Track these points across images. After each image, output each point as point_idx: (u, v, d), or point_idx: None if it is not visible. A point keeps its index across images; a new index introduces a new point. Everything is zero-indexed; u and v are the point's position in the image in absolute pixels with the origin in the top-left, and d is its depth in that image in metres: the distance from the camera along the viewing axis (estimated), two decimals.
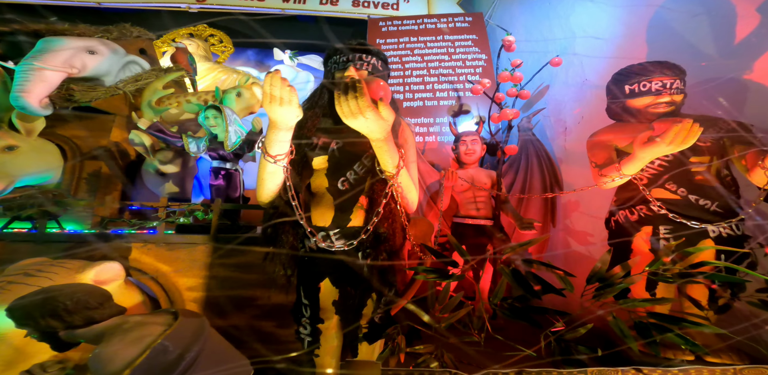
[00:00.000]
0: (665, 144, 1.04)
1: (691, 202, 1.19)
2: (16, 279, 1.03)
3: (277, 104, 0.80)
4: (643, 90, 1.32)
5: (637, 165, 1.19)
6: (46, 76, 1.52)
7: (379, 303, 0.99)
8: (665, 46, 1.72)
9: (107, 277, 1.11)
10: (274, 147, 0.88)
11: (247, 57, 4.06)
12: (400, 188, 0.90)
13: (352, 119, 0.80)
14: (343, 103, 0.78)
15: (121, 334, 0.76)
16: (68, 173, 1.68)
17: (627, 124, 1.44)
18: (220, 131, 1.64)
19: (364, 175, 0.98)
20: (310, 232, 0.94)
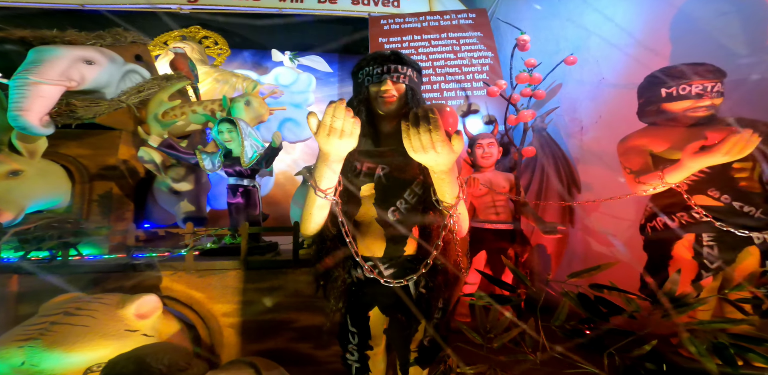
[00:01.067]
0: (721, 154, 0.99)
1: (735, 209, 1.16)
2: (58, 320, 0.97)
3: (336, 137, 0.72)
4: (683, 93, 1.26)
5: (683, 174, 1.14)
6: (43, 91, 1.38)
7: (428, 327, 0.94)
8: (691, 44, 1.66)
9: (147, 310, 1.05)
10: (324, 181, 0.80)
11: (244, 59, 3.87)
12: (457, 218, 0.83)
13: (420, 153, 0.72)
14: (414, 137, 0.70)
15: None
16: (78, 196, 1.56)
17: (661, 127, 1.38)
18: (235, 146, 1.53)
19: (415, 204, 0.90)
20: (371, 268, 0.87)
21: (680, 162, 1.13)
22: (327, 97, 3.72)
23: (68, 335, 0.94)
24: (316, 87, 3.44)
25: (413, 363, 0.95)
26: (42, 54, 1.45)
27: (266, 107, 2.02)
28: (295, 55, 3.45)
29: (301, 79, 3.34)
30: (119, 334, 1.00)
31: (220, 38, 3.53)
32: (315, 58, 3.53)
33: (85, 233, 1.28)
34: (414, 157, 0.74)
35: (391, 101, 0.95)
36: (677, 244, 1.24)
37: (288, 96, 3.37)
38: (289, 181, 3.48)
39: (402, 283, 0.84)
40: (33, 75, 1.37)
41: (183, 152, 1.54)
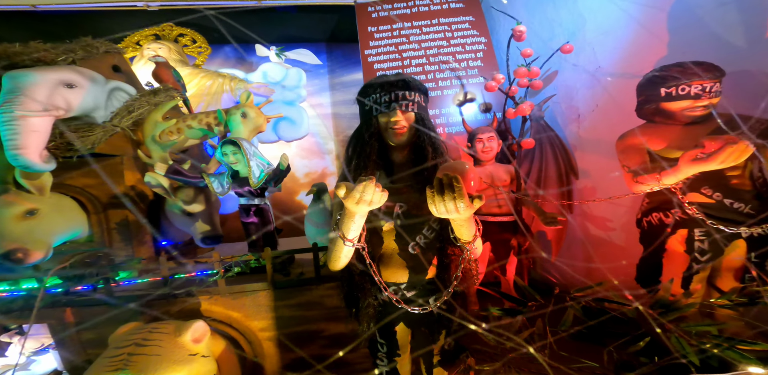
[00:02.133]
0: (716, 163, 1.03)
1: (726, 206, 1.22)
2: (132, 351, 1.06)
3: (365, 205, 0.76)
4: (681, 93, 1.26)
5: (679, 177, 1.18)
6: (34, 125, 1.30)
7: (448, 335, 1.04)
8: (689, 34, 1.60)
9: (200, 335, 1.14)
10: (351, 232, 0.84)
11: (226, 55, 3.62)
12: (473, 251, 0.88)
13: (444, 215, 0.76)
14: (438, 203, 0.74)
15: None
16: (96, 225, 1.56)
17: (659, 125, 1.40)
18: (241, 167, 1.52)
19: (433, 238, 0.95)
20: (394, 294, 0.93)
21: (677, 167, 1.17)
22: (319, 91, 3.56)
23: (148, 364, 1.04)
24: (306, 80, 3.29)
25: (436, 365, 1.06)
26: (17, 81, 1.33)
27: (263, 116, 1.95)
28: (282, 50, 3.24)
29: (290, 74, 3.18)
30: (185, 359, 1.11)
31: (197, 35, 3.26)
32: (302, 51, 3.32)
33: (121, 267, 1.32)
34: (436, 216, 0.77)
35: (402, 132, 0.95)
36: (671, 238, 1.32)
37: (279, 93, 3.23)
38: (289, 178, 3.47)
39: (427, 309, 0.91)
40: (17, 108, 1.28)
41: (190, 176, 1.53)
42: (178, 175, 1.51)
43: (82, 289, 1.30)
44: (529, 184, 2.17)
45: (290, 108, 3.07)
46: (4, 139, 1.28)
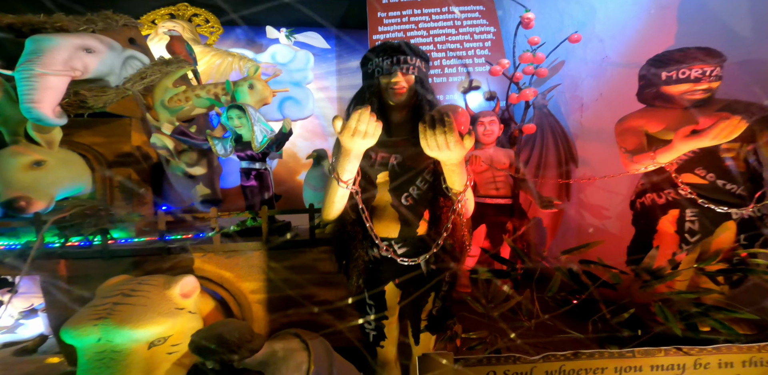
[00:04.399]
0: (709, 138, 1.03)
1: (718, 187, 1.23)
2: (118, 300, 1.07)
3: (360, 137, 0.79)
4: (682, 77, 1.27)
5: (673, 155, 1.19)
6: (51, 82, 1.36)
7: (436, 299, 1.05)
8: (698, 25, 1.61)
9: (189, 290, 1.15)
10: (346, 173, 0.87)
11: (237, 36, 3.66)
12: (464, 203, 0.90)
13: (435, 151, 0.79)
14: (430, 138, 0.77)
15: (282, 362, 0.87)
16: (99, 182, 1.60)
17: (658, 109, 1.40)
18: (245, 131, 1.54)
19: (426, 190, 0.97)
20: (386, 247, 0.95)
21: (671, 144, 1.17)
22: (325, 74, 3.58)
23: (132, 314, 1.05)
24: (314, 64, 3.31)
25: (424, 330, 1.08)
26: (41, 44, 1.40)
27: (269, 89, 1.98)
28: (292, 33, 3.26)
29: (298, 56, 3.20)
30: (171, 312, 1.11)
31: (210, 15, 3.30)
32: (312, 34, 3.33)
33: (120, 220, 1.35)
34: (429, 154, 0.81)
35: (402, 92, 0.98)
36: (662, 219, 1.33)
37: (286, 74, 3.25)
38: (292, 158, 3.50)
39: (416, 261, 0.93)
40: (37, 66, 1.33)
41: (195, 138, 1.56)
42: (184, 135, 1.54)
43: (79, 245, 1.33)
44: (528, 169, 2.17)
45: (296, 88, 3.09)
46: (21, 93, 1.33)
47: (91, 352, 1.04)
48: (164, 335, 1.09)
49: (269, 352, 0.91)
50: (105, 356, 1.02)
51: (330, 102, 3.54)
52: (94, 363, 1.02)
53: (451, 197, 0.89)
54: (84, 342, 1.04)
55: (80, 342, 1.04)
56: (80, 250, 1.30)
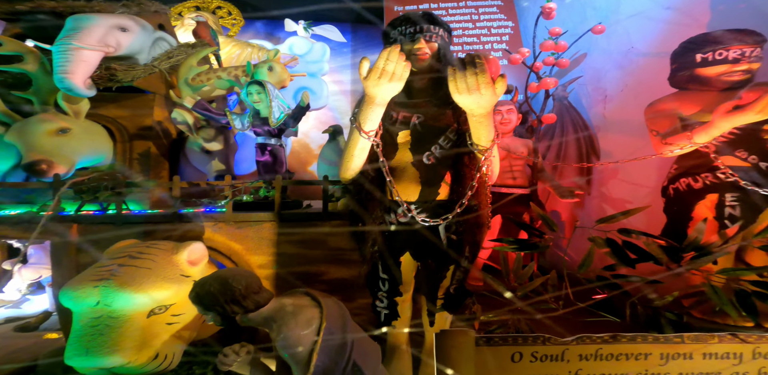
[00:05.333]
0: (754, 113, 0.96)
1: (761, 169, 1.13)
2: (124, 262, 1.03)
3: (386, 80, 0.76)
4: (719, 58, 1.19)
5: (712, 133, 1.11)
6: (85, 55, 1.43)
7: (455, 275, 0.98)
8: (731, 13, 1.53)
9: (196, 257, 1.11)
10: (368, 123, 0.83)
11: (257, 29, 3.75)
12: (490, 162, 0.85)
13: (465, 95, 0.75)
14: (460, 80, 0.74)
15: (290, 317, 0.77)
16: (119, 154, 1.63)
17: (692, 92, 1.33)
18: (263, 107, 1.55)
19: (449, 149, 0.93)
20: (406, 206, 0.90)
21: (711, 122, 1.09)
22: (340, 68, 3.62)
23: (135, 276, 1.00)
24: (329, 57, 3.34)
25: (440, 309, 1.01)
26: (80, 22, 1.48)
27: (287, 73, 2.02)
28: (310, 25, 3.32)
29: (315, 48, 3.24)
30: (176, 278, 1.07)
31: (233, 8, 3.41)
32: (329, 27, 3.39)
33: (136, 184, 1.35)
34: (458, 99, 0.77)
35: (424, 58, 0.96)
36: (699, 204, 1.23)
37: (303, 65, 3.29)
38: (304, 149, 3.51)
39: (438, 222, 0.87)
40: (75, 41, 1.41)
41: (215, 113, 1.57)
42: (205, 110, 1.55)
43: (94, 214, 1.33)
44: (546, 160, 2.09)
45: (312, 79, 3.12)
46: (56, 65, 1.39)
47: (86, 317, 0.98)
48: (166, 303, 1.04)
49: (277, 306, 0.82)
50: (101, 322, 0.97)
51: (344, 95, 3.56)
52: (87, 329, 0.96)
53: (477, 155, 0.84)
54: (81, 305, 0.99)
55: (77, 305, 0.99)
56: (93, 216, 1.30)
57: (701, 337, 0.73)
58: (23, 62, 1.52)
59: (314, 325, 0.76)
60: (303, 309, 0.79)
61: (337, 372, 0.74)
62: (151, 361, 0.99)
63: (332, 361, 0.74)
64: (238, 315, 0.79)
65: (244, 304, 0.79)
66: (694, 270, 0.83)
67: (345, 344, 0.76)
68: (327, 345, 0.74)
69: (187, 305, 1.10)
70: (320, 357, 0.72)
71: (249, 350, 0.80)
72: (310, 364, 0.72)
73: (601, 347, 0.73)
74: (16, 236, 1.28)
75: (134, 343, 0.96)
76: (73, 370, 1.04)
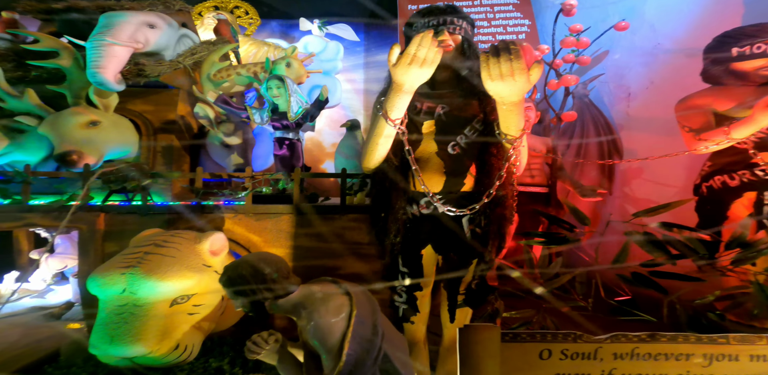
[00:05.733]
0: None
1: None
2: (150, 250, 1.05)
3: (417, 65, 0.75)
4: (757, 52, 1.14)
5: (751, 129, 1.05)
6: (116, 51, 1.48)
7: (477, 270, 0.95)
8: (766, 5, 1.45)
9: (218, 248, 1.12)
10: (395, 111, 0.82)
11: (272, 29, 3.82)
12: (519, 152, 0.82)
13: (498, 81, 0.73)
14: (493, 66, 0.72)
15: (320, 303, 0.75)
16: (144, 147, 1.67)
17: (727, 87, 1.27)
18: (282, 101, 1.57)
19: (475, 139, 0.90)
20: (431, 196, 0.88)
21: (751, 116, 1.04)
22: (353, 67, 3.64)
23: (160, 264, 1.02)
24: (343, 56, 3.37)
25: (461, 305, 0.98)
26: (112, 18, 1.54)
27: (304, 69, 2.05)
28: (324, 24, 3.36)
29: (329, 47, 3.28)
30: (199, 267, 1.08)
31: (250, 8, 3.50)
32: (343, 26, 3.42)
33: (161, 175, 1.38)
34: (489, 86, 0.75)
35: (448, 50, 0.95)
36: (735, 203, 1.16)
37: (317, 64, 3.32)
38: (316, 146, 3.54)
39: (465, 212, 0.85)
40: (107, 37, 1.46)
41: (235, 107, 1.61)
42: (226, 104, 1.58)
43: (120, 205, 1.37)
44: (566, 158, 2.03)
45: (325, 77, 3.14)
46: (90, 60, 1.45)
47: (112, 305, 1.01)
48: (188, 293, 1.06)
49: (306, 293, 0.79)
50: (126, 310, 0.99)
51: (356, 94, 3.58)
52: (113, 317, 0.99)
53: (505, 145, 0.81)
54: (108, 292, 1.01)
55: (104, 292, 1.02)
56: (119, 206, 1.34)
57: (748, 338, 0.68)
58: (58, 58, 1.58)
59: (344, 313, 0.74)
60: (332, 296, 0.77)
61: (369, 361, 0.71)
62: (171, 351, 1.00)
63: (364, 350, 0.71)
64: (267, 301, 0.77)
65: (274, 288, 0.77)
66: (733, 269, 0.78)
67: (376, 333, 0.74)
68: (358, 333, 0.72)
69: (208, 296, 1.11)
70: (352, 346, 0.70)
71: (277, 338, 0.78)
72: (341, 353, 0.69)
73: (638, 346, 0.69)
74: (46, 225, 1.33)
75: (157, 333, 0.98)
76: (94, 359, 1.06)
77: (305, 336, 0.75)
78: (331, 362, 0.70)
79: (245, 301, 0.78)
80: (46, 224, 1.32)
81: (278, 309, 0.79)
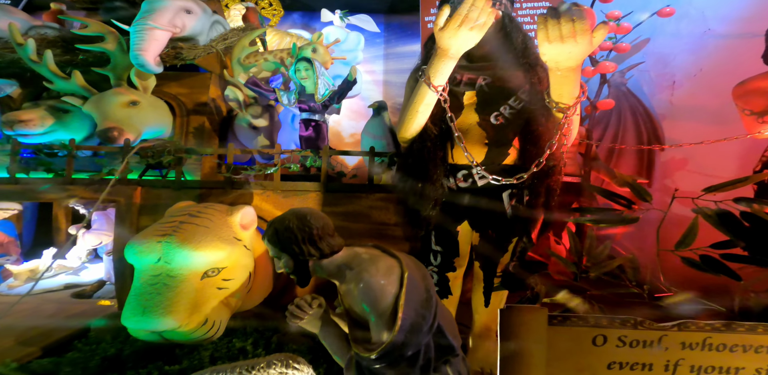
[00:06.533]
0: None
1: None
2: (185, 220, 1.08)
3: (466, 28, 0.73)
4: None
5: None
6: (157, 35, 1.56)
7: (516, 249, 0.89)
8: None
9: (248, 221, 1.14)
10: (438, 77, 0.80)
11: (294, 20, 3.89)
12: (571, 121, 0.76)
13: (557, 44, 0.69)
14: (552, 27, 0.68)
15: (369, 264, 0.68)
16: (178, 127, 1.76)
17: None
18: (309, 83, 1.58)
19: (521, 109, 0.85)
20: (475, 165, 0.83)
21: None
22: (373, 58, 3.64)
23: (195, 234, 1.04)
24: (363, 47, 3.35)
25: (498, 287, 0.91)
26: (153, 4, 1.63)
27: (329, 55, 2.06)
28: (346, 14, 3.36)
29: (350, 37, 3.28)
30: (230, 239, 1.10)
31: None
32: (364, 17, 3.42)
33: (195, 151, 1.44)
34: (546, 50, 0.72)
35: (497, 18, 0.92)
36: None
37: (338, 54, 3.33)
38: (335, 136, 3.57)
39: (512, 181, 0.80)
40: (149, 21, 1.55)
41: (264, 89, 1.64)
42: (256, 86, 1.61)
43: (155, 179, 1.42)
44: (600, 149, 1.91)
45: (346, 68, 3.15)
46: (133, 43, 1.54)
47: (147, 274, 1.04)
48: (219, 265, 1.07)
49: (351, 254, 0.73)
50: (159, 281, 1.01)
51: (376, 85, 3.57)
52: (146, 288, 1.01)
53: (556, 114, 0.75)
54: (144, 260, 1.05)
55: (141, 260, 1.05)
56: (155, 180, 1.37)
57: None
58: (104, 42, 1.65)
59: (395, 275, 0.66)
60: (380, 257, 0.70)
61: (425, 327, 0.64)
62: (200, 326, 1.01)
63: (419, 316, 0.64)
64: (312, 259, 0.71)
65: (320, 245, 0.71)
66: None
67: (430, 299, 0.67)
68: (412, 297, 0.64)
69: (237, 271, 1.12)
70: (406, 310, 0.62)
71: (321, 303, 0.73)
72: (395, 317, 0.62)
73: (710, 336, 0.61)
74: (87, 197, 1.39)
75: (187, 306, 0.99)
76: (123, 336, 1.09)
77: (350, 301, 0.69)
78: (383, 328, 0.63)
79: (288, 260, 0.72)
80: (87, 196, 1.38)
81: (322, 270, 0.73)
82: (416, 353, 0.63)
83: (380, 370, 0.63)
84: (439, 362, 0.67)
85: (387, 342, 0.60)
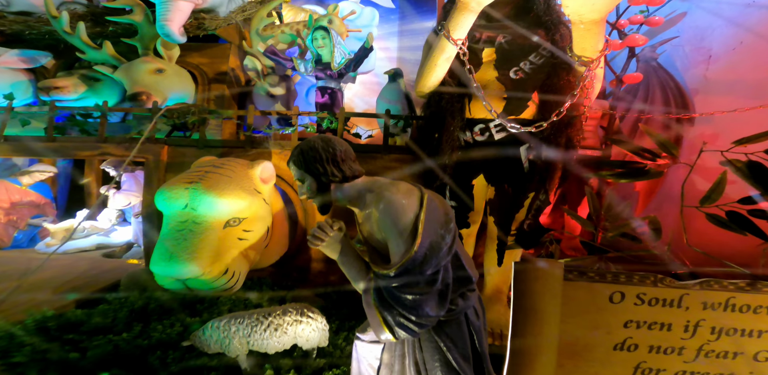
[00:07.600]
0: None
1: None
2: (210, 169, 1.18)
3: None
4: None
5: None
6: (181, 6, 1.64)
7: (532, 205, 0.87)
8: None
9: (267, 176, 1.20)
10: (458, 30, 0.80)
11: None
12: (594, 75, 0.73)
13: None
14: None
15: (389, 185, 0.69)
16: (199, 94, 1.82)
17: None
18: (326, 52, 1.61)
19: (541, 64, 0.83)
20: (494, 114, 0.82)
21: None
22: (387, 35, 3.57)
23: (219, 181, 1.12)
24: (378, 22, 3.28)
25: (512, 246, 0.90)
26: None
27: (345, 27, 2.08)
28: None
29: (364, 13, 3.23)
30: (251, 190, 1.18)
31: None
32: None
33: (218, 112, 1.57)
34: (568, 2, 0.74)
35: None
36: None
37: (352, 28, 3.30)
38: None
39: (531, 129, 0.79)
40: None
41: (282, 58, 1.68)
42: (274, 54, 1.65)
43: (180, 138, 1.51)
44: (624, 124, 1.82)
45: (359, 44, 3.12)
46: (159, 14, 1.63)
47: (175, 220, 1.13)
48: (240, 215, 1.15)
49: (371, 180, 0.73)
50: (185, 227, 1.11)
51: (390, 62, 3.52)
52: (174, 233, 1.10)
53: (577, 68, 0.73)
54: (172, 207, 1.13)
55: (169, 206, 1.14)
56: (180, 139, 1.45)
57: None
58: (132, 14, 1.73)
59: (415, 196, 0.67)
60: (400, 182, 0.71)
61: (444, 248, 0.64)
62: (221, 275, 1.10)
63: (438, 236, 0.64)
64: (334, 182, 0.71)
65: (342, 167, 0.71)
66: None
67: (450, 221, 0.67)
68: (432, 216, 0.65)
69: (257, 222, 1.19)
70: (426, 227, 0.62)
71: (341, 227, 0.73)
72: (415, 234, 0.62)
73: (734, 296, 0.57)
74: (118, 154, 1.50)
75: (210, 253, 1.08)
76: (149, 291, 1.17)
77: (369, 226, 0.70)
78: (403, 246, 0.63)
79: (312, 182, 0.72)
80: (118, 154, 1.49)
81: (343, 195, 0.73)
82: (435, 275, 0.63)
83: (399, 290, 0.63)
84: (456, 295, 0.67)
85: (407, 257, 0.61)
